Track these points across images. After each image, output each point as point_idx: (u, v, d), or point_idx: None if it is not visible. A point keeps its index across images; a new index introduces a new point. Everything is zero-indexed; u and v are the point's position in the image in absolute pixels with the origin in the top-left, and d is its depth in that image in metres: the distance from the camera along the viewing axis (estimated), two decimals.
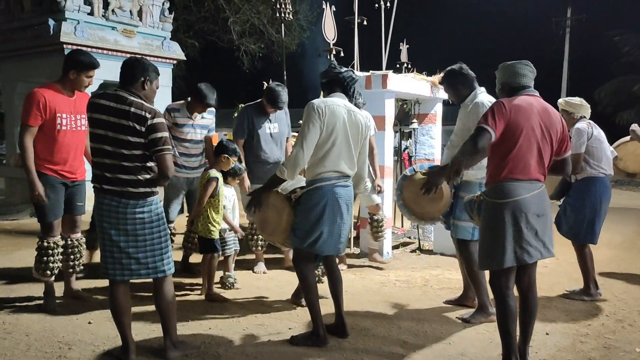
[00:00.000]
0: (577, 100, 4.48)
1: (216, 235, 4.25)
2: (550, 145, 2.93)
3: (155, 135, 2.83)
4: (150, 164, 2.91)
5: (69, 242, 3.97)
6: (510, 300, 2.90)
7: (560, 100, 4.53)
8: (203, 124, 4.81)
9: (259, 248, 4.97)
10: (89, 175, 4.00)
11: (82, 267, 4.12)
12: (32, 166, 3.61)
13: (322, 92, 3.57)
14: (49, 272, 3.81)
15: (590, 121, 4.41)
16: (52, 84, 3.74)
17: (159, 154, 2.85)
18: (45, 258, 3.78)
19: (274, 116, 4.88)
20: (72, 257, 3.99)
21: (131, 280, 3.02)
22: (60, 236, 3.89)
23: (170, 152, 2.90)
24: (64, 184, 3.80)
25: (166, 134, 2.89)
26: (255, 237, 4.87)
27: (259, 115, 4.84)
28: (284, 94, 4.69)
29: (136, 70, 2.95)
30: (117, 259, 2.92)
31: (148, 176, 2.91)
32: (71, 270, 4.03)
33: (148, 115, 2.82)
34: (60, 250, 3.87)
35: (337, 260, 5.12)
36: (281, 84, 4.78)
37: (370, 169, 5.25)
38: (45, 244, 3.79)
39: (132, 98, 2.87)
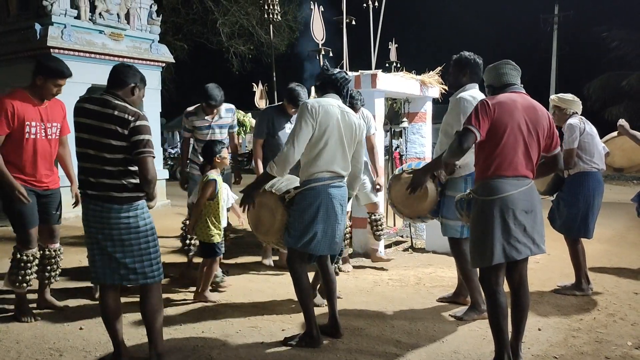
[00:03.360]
0: (569, 96, 4.52)
1: (217, 239, 4.17)
2: (537, 142, 2.95)
3: (137, 138, 2.78)
4: (134, 168, 2.85)
5: (47, 253, 3.89)
6: (501, 296, 2.91)
7: (552, 97, 4.57)
8: (222, 124, 4.88)
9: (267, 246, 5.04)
10: (63, 182, 3.95)
11: (57, 279, 4.03)
12: (4, 168, 3.52)
13: (315, 94, 3.58)
14: (25, 285, 3.70)
15: (582, 117, 4.45)
16: (21, 91, 3.62)
17: (140, 156, 2.79)
18: (21, 271, 3.67)
19: (295, 117, 4.87)
20: (48, 267, 3.89)
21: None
22: (38, 246, 3.80)
23: (152, 155, 2.84)
24: (35, 192, 3.70)
25: (149, 136, 2.83)
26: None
27: (280, 116, 4.88)
28: (303, 94, 4.73)
29: (127, 75, 2.91)
30: (105, 263, 2.88)
31: (133, 181, 2.85)
32: (47, 281, 3.94)
33: (131, 118, 2.78)
34: (37, 262, 3.76)
35: (342, 261, 5.14)
36: (300, 84, 4.79)
37: (370, 167, 5.27)
38: (24, 257, 3.67)
39: (116, 102, 2.83)
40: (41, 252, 3.88)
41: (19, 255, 3.69)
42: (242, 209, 3.50)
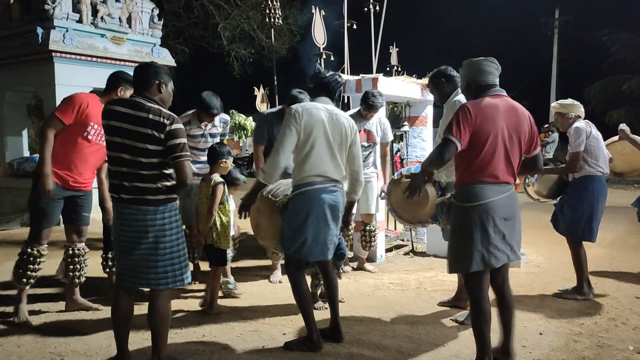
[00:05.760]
0: (568, 101, 4.55)
1: (230, 245, 4.11)
2: (518, 146, 2.94)
3: (174, 142, 2.77)
4: (169, 171, 2.84)
5: (76, 252, 3.92)
6: (485, 302, 2.91)
7: (553, 104, 4.62)
8: (214, 132, 4.84)
9: (277, 257, 4.92)
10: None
11: (84, 279, 4.04)
12: (49, 156, 3.58)
13: (309, 98, 3.58)
14: (27, 280, 3.72)
15: (588, 120, 4.47)
16: (95, 95, 3.76)
17: (177, 160, 2.78)
18: (26, 265, 3.69)
19: None
20: (77, 266, 3.92)
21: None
22: (64, 246, 3.86)
23: (189, 158, 2.85)
24: (67, 193, 3.74)
25: (185, 140, 2.83)
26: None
27: (279, 122, 4.77)
28: (306, 100, 4.66)
29: (149, 75, 2.88)
30: (135, 267, 2.84)
31: (167, 183, 2.84)
32: (76, 280, 3.95)
33: (166, 122, 2.76)
34: (43, 260, 3.78)
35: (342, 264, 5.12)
36: (302, 90, 4.76)
37: (379, 174, 5.31)
38: (30, 250, 3.72)
39: (149, 104, 2.80)
40: (69, 251, 3.92)
41: (28, 249, 3.73)
42: (239, 216, 3.51)
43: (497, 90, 2.99)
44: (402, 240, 6.72)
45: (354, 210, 5.02)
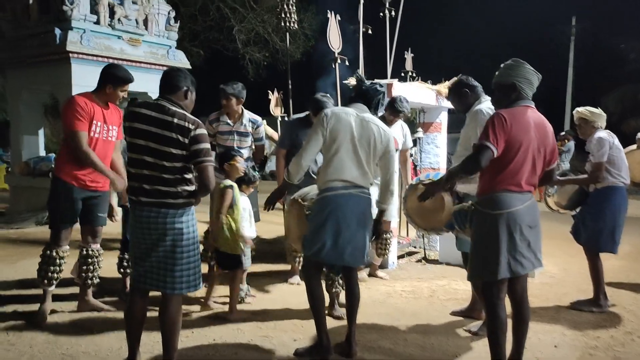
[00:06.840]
0: (597, 109, 4.49)
1: (241, 250, 4.03)
2: (543, 158, 2.96)
3: (198, 147, 2.78)
4: (190, 176, 2.85)
5: (90, 252, 3.93)
6: (501, 311, 2.89)
7: (580, 109, 4.52)
8: (243, 131, 4.85)
9: (295, 261, 4.90)
10: None
11: (98, 280, 4.04)
12: (103, 165, 3.66)
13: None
14: (49, 282, 3.78)
15: (609, 130, 4.40)
16: (88, 94, 3.77)
17: (201, 165, 2.79)
18: (47, 267, 3.75)
19: None
20: (91, 267, 3.93)
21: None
22: (79, 247, 3.89)
23: (212, 163, 2.85)
24: (84, 193, 3.76)
25: (208, 145, 2.84)
26: (294, 250, 4.72)
27: (304, 128, 4.72)
28: (330, 105, 4.63)
29: (178, 80, 2.89)
30: (152, 269, 2.84)
31: (188, 188, 2.84)
32: (89, 281, 3.96)
33: (191, 127, 2.77)
34: (64, 261, 3.83)
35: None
36: (326, 94, 4.72)
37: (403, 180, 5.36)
38: (50, 252, 3.76)
39: (174, 108, 2.81)
40: (83, 252, 3.94)
41: (48, 252, 3.77)
42: (264, 208, 3.52)
43: (528, 102, 2.99)
44: (414, 247, 6.67)
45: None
